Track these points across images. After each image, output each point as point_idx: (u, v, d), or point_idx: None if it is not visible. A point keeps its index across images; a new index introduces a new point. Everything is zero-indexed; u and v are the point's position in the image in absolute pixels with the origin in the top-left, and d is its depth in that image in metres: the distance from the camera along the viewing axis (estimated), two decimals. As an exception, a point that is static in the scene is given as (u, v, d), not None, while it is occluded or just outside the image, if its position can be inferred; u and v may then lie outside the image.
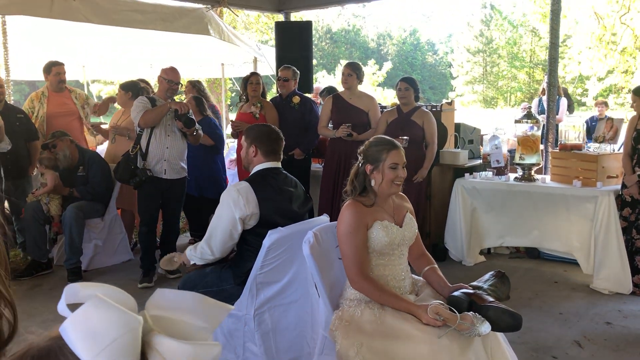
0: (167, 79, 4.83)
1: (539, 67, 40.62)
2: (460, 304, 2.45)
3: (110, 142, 5.75)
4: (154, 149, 4.75)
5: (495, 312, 2.38)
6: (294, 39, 6.85)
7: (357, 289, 2.52)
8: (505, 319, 2.37)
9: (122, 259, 5.45)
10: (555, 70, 5.58)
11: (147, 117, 4.63)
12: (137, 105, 4.75)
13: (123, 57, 9.19)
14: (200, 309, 0.74)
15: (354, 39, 46.56)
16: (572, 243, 4.78)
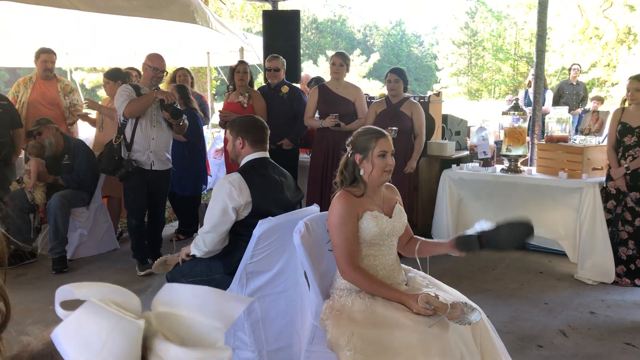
0: (152, 67, 4.70)
1: (523, 59, 40.88)
2: (469, 240, 2.50)
3: (97, 130, 5.68)
4: (139, 140, 4.65)
5: (506, 227, 2.44)
6: (282, 28, 6.81)
7: (348, 280, 2.53)
8: (518, 229, 2.44)
9: (107, 248, 5.41)
10: (542, 62, 5.62)
11: (133, 106, 4.52)
12: (121, 93, 4.61)
13: (106, 44, 9.06)
14: (214, 304, 0.69)
15: (340, 29, 46.41)
16: (559, 231, 4.84)
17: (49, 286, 4.54)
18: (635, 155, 4.34)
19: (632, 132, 4.36)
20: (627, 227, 4.46)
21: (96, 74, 17.88)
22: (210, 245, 2.97)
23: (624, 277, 4.50)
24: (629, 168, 4.35)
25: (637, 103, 4.35)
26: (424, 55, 48.52)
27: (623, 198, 4.46)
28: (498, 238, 2.43)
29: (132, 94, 4.59)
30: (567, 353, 3.41)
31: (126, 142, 4.64)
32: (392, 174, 2.70)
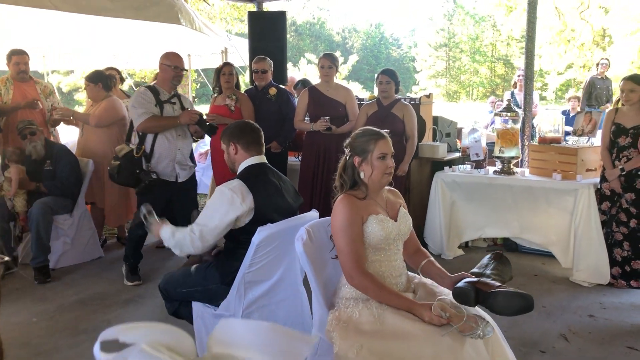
0: (172, 65, 4.40)
1: (500, 61, 41.33)
2: (466, 295, 2.37)
3: (80, 135, 5.50)
4: (164, 152, 4.37)
5: (505, 296, 2.31)
6: (268, 29, 6.69)
7: (355, 286, 2.42)
8: (516, 302, 2.31)
9: (92, 256, 5.23)
10: (531, 63, 5.58)
11: (150, 126, 4.27)
12: (140, 102, 4.28)
13: (84, 46, 8.86)
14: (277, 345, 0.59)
15: (319, 31, 46.41)
16: (550, 237, 4.79)
17: (31, 297, 4.36)
18: (629, 156, 4.32)
19: (626, 133, 4.33)
20: (622, 228, 4.43)
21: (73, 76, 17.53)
22: (197, 250, 2.84)
23: (619, 278, 4.47)
24: (623, 169, 4.32)
25: (631, 104, 4.33)
26: (402, 57, 48.74)
27: (618, 199, 4.43)
28: (494, 304, 2.32)
29: (151, 107, 4.29)
30: (571, 358, 3.35)
31: (146, 154, 4.34)
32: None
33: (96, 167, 5.21)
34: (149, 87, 4.47)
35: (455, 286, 2.44)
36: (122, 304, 4.25)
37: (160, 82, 4.49)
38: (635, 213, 4.36)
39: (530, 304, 2.31)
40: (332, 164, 4.89)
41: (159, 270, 4.97)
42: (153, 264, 5.18)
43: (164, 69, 4.44)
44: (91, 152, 5.30)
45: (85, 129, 5.41)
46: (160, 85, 4.46)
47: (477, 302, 2.37)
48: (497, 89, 39.02)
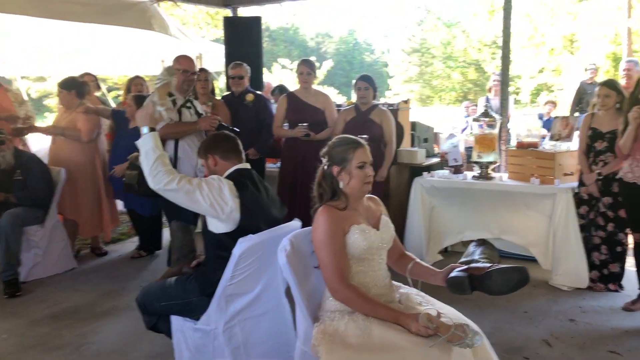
0: (182, 69, 4.25)
1: (472, 66, 41.85)
2: (461, 283, 2.35)
3: (52, 143, 5.33)
4: (186, 157, 4.24)
5: (500, 273, 2.31)
6: (243, 35, 6.62)
7: (340, 299, 2.37)
8: (512, 276, 2.31)
9: (65, 267, 5.08)
10: (507, 68, 5.60)
11: (171, 132, 4.15)
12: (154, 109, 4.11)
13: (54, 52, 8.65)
14: None
15: (293, 37, 46.41)
16: (530, 238, 4.81)
17: (1, 312, 4.21)
18: (606, 160, 4.35)
19: (603, 138, 4.37)
20: (600, 232, 4.46)
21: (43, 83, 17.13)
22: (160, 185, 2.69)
23: (597, 282, 4.50)
24: (601, 174, 4.35)
25: (607, 109, 4.37)
26: (375, 62, 49.04)
27: (596, 203, 4.46)
28: (490, 284, 2.31)
29: (170, 112, 4.16)
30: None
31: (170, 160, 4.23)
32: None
33: (69, 176, 5.06)
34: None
35: (448, 277, 2.41)
36: (97, 317, 4.12)
37: (174, 87, 4.34)
38: (612, 217, 4.39)
39: (526, 276, 2.31)
40: (311, 170, 4.74)
41: (135, 281, 4.86)
42: (128, 274, 5.06)
43: (175, 73, 4.31)
44: (64, 160, 5.16)
45: (58, 139, 5.26)
46: (173, 89, 4.31)
47: (473, 288, 2.35)
48: (469, 94, 39.49)
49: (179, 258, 3.82)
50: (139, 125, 2.81)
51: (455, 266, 2.47)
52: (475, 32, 33.69)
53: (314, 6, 52.45)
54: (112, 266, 5.33)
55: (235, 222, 2.71)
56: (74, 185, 5.21)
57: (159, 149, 2.73)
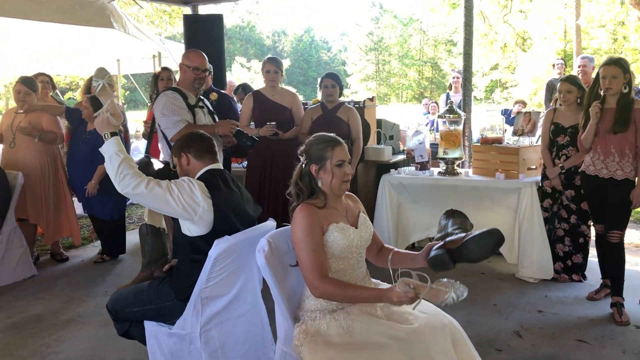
0: (192, 66, 3.96)
1: (428, 64, 42.49)
2: (441, 260, 2.37)
3: (8, 147, 5.11)
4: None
5: (475, 241, 2.35)
6: (204, 33, 6.50)
7: (320, 296, 2.34)
8: (488, 241, 2.35)
9: (24, 275, 4.90)
10: (469, 65, 5.70)
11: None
12: (172, 108, 3.82)
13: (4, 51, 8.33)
14: None
15: (249, 35, 46.10)
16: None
17: (-42, 324, 4.02)
18: (568, 154, 4.46)
19: (565, 132, 4.48)
20: (564, 224, 4.58)
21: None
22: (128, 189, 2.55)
23: (562, 273, 4.62)
24: (563, 167, 4.46)
25: (569, 104, 4.48)
26: (332, 60, 49.21)
27: (559, 196, 4.58)
28: (469, 253, 2.34)
29: (185, 113, 3.85)
30: (526, 355, 3.40)
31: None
32: None
33: (29, 180, 4.88)
34: (175, 90, 3.99)
35: (428, 258, 2.42)
36: (61, 325, 3.97)
37: (182, 85, 4.06)
38: (575, 209, 4.51)
39: (501, 236, 2.36)
40: (279, 170, 4.78)
41: (100, 287, 4.72)
42: (92, 280, 4.91)
43: (184, 70, 4.01)
44: (22, 164, 4.97)
45: (19, 139, 5.05)
46: (183, 87, 4.02)
47: (455, 262, 2.36)
48: (426, 92, 40.10)
49: (149, 262, 3.71)
50: (100, 132, 2.71)
51: (432, 244, 2.48)
52: (431, 29, 34.21)
53: (270, 4, 52.22)
54: (74, 272, 5.17)
55: (208, 224, 2.65)
56: (33, 189, 5.03)
57: (122, 152, 2.63)
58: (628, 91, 3.82)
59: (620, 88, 3.82)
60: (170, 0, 7.49)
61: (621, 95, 3.83)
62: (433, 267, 2.38)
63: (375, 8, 44.09)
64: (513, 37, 23.56)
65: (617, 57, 3.93)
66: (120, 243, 5.54)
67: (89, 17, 5.46)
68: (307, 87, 38.89)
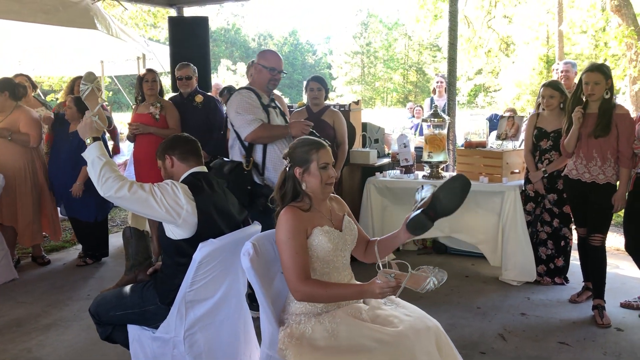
0: (269, 67, 3.83)
1: (412, 69, 42.72)
2: (418, 220, 2.43)
3: None
4: (276, 163, 3.80)
5: (443, 190, 2.44)
6: (189, 36, 6.48)
7: (302, 298, 2.33)
8: (454, 185, 2.45)
9: (4, 278, 4.82)
10: (454, 70, 5.72)
11: (263, 136, 3.75)
12: (246, 107, 3.73)
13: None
14: None
15: (234, 38, 46.01)
16: (479, 237, 4.93)
17: (-64, 328, 3.95)
18: (551, 158, 4.51)
19: (548, 137, 4.52)
20: (546, 227, 4.62)
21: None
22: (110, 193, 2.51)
23: (545, 276, 4.66)
24: (546, 171, 4.50)
25: (551, 109, 4.52)
26: (317, 64, 49.27)
27: (541, 200, 4.62)
28: (441, 204, 2.42)
29: (259, 112, 3.75)
30: (509, 357, 3.43)
31: (257, 167, 3.82)
32: None
33: (7, 182, 4.81)
34: (249, 89, 3.88)
35: (407, 224, 2.48)
36: (42, 329, 3.92)
37: (256, 85, 3.92)
38: (557, 213, 4.56)
39: (465, 179, 2.46)
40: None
41: (82, 291, 4.67)
42: (74, 284, 4.86)
43: (259, 70, 3.88)
44: (1, 165, 4.89)
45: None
46: (257, 87, 3.90)
47: (432, 219, 2.42)
48: (410, 95, 40.30)
49: (133, 265, 3.67)
50: (82, 137, 2.68)
51: (409, 215, 2.50)
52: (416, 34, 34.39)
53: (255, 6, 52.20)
54: (56, 275, 5.10)
55: (192, 227, 2.63)
56: (12, 191, 4.96)
57: (105, 156, 2.60)
58: (610, 96, 3.88)
59: (603, 94, 3.87)
60: (155, 2, 7.43)
61: (603, 100, 3.88)
62: (412, 230, 2.45)
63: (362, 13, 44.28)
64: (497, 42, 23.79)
65: (599, 64, 3.98)
66: (104, 246, 5.49)
67: (72, 18, 5.41)
68: (292, 89, 38.89)
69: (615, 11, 10.55)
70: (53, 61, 9.21)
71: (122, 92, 13.73)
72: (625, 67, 12.17)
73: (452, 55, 5.75)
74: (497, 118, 8.34)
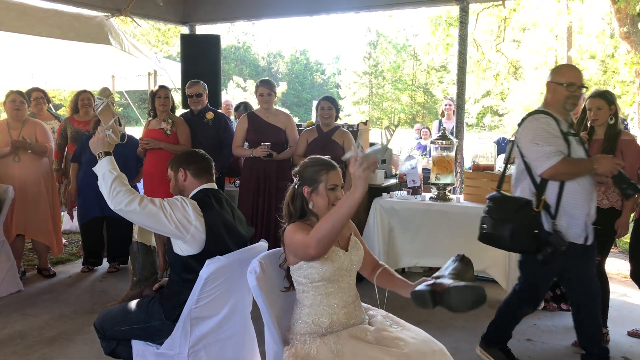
0: (566, 82, 3.27)
1: (420, 89, 42.89)
2: (423, 297, 2.34)
3: (12, 161, 5.05)
4: (577, 204, 3.25)
5: (458, 291, 2.30)
6: (201, 53, 6.55)
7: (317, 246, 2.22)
8: (468, 295, 2.30)
9: (10, 290, 4.83)
10: (462, 93, 5.76)
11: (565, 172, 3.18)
12: (545, 135, 3.18)
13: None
14: None
15: (244, 56, 46.42)
16: (487, 262, 4.90)
17: (-59, 339, 3.95)
18: (558, 183, 4.50)
19: (555, 161, 4.51)
20: (553, 252, 4.59)
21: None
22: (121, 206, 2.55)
23: (551, 302, 4.63)
24: (553, 196, 4.49)
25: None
26: (326, 83, 49.55)
27: (549, 225, 4.60)
28: (449, 300, 2.32)
29: (560, 143, 3.19)
30: (515, 383, 3.39)
31: (549, 208, 3.25)
32: None
33: (29, 195, 4.98)
34: (546, 114, 3.31)
35: (412, 291, 2.40)
36: (46, 342, 3.92)
37: (552, 107, 3.35)
38: (564, 238, 4.53)
39: (482, 295, 2.30)
40: (272, 190, 4.80)
41: (87, 304, 4.67)
42: (79, 297, 4.86)
43: (553, 88, 3.33)
44: (22, 178, 5.03)
45: (23, 155, 5.05)
46: (553, 110, 3.33)
47: (435, 304, 2.34)
48: (417, 116, 40.41)
49: (139, 280, 3.68)
50: (94, 152, 2.71)
51: (424, 280, 2.48)
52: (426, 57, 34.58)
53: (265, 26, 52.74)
54: (61, 288, 5.11)
55: (200, 243, 2.64)
56: (32, 202, 5.11)
57: (115, 170, 2.64)
58: (614, 122, 3.89)
59: (607, 119, 3.89)
60: (168, 20, 7.53)
61: (608, 126, 3.90)
62: (414, 300, 2.37)
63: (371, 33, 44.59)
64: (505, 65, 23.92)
65: (602, 90, 4.01)
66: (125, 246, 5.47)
67: (87, 33, 5.49)
68: (301, 108, 39.10)
69: (624, 38, 10.58)
70: (65, 75, 9.31)
71: (131, 106, 13.84)
72: (634, 93, 12.19)
73: (461, 78, 5.79)
74: (505, 142, 8.36)
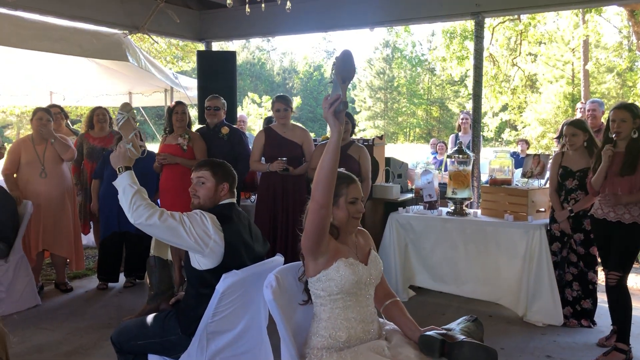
0: None
1: (436, 104, 42.88)
2: (432, 343, 2.33)
3: (38, 176, 5.10)
4: None
5: (470, 347, 2.28)
6: (217, 69, 6.62)
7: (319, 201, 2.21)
8: (481, 355, 2.28)
9: (28, 304, 4.86)
10: (479, 107, 5.75)
11: None
12: None
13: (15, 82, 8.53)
14: None
15: (259, 72, 46.79)
16: (498, 293, 4.83)
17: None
18: (577, 198, 4.45)
19: (573, 176, 4.47)
20: (572, 268, 4.54)
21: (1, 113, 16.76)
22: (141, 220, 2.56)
23: (571, 318, 4.55)
24: (572, 211, 4.44)
25: (575, 148, 4.48)
26: (341, 98, 49.68)
27: (567, 240, 4.54)
28: (459, 354, 2.30)
29: None
30: (535, 401, 3.33)
31: None
32: None
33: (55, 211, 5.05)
34: None
35: (422, 334, 2.39)
36: (63, 356, 3.93)
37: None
38: (583, 253, 4.48)
39: (496, 356, 2.28)
40: (289, 205, 4.80)
41: (103, 318, 4.69)
42: (96, 311, 4.89)
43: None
44: (48, 193, 5.11)
45: (49, 169, 5.12)
46: None
47: (442, 353, 2.32)
48: (433, 131, 40.35)
49: (156, 294, 3.69)
50: (114, 166, 2.74)
51: (434, 328, 2.46)
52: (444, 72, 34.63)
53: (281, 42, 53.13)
54: (78, 303, 5.14)
55: (218, 257, 2.65)
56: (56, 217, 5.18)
57: (136, 184, 2.66)
58: (638, 136, 3.84)
59: (630, 132, 3.85)
60: (184, 37, 7.64)
61: (631, 140, 3.85)
62: (421, 345, 2.36)
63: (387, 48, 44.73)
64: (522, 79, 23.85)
65: (627, 103, 3.97)
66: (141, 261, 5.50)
67: (105, 50, 5.60)
68: (315, 123, 39.23)
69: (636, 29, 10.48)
70: (83, 92, 9.48)
71: (148, 122, 14.00)
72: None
73: (477, 92, 5.78)
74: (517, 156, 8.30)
